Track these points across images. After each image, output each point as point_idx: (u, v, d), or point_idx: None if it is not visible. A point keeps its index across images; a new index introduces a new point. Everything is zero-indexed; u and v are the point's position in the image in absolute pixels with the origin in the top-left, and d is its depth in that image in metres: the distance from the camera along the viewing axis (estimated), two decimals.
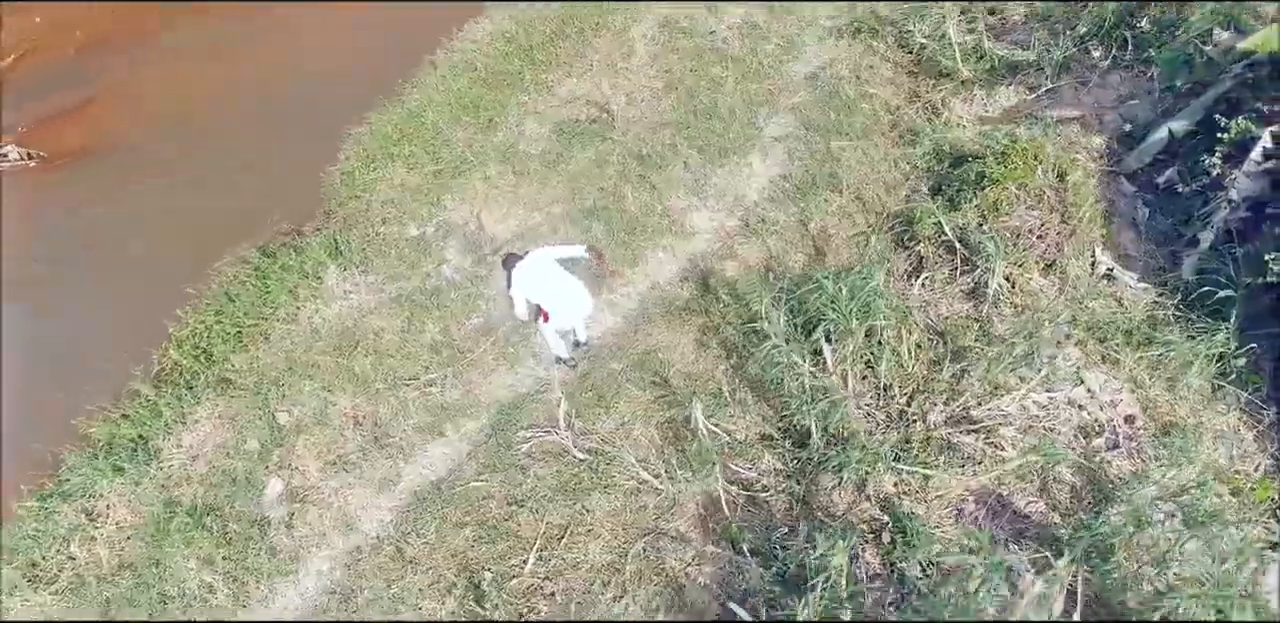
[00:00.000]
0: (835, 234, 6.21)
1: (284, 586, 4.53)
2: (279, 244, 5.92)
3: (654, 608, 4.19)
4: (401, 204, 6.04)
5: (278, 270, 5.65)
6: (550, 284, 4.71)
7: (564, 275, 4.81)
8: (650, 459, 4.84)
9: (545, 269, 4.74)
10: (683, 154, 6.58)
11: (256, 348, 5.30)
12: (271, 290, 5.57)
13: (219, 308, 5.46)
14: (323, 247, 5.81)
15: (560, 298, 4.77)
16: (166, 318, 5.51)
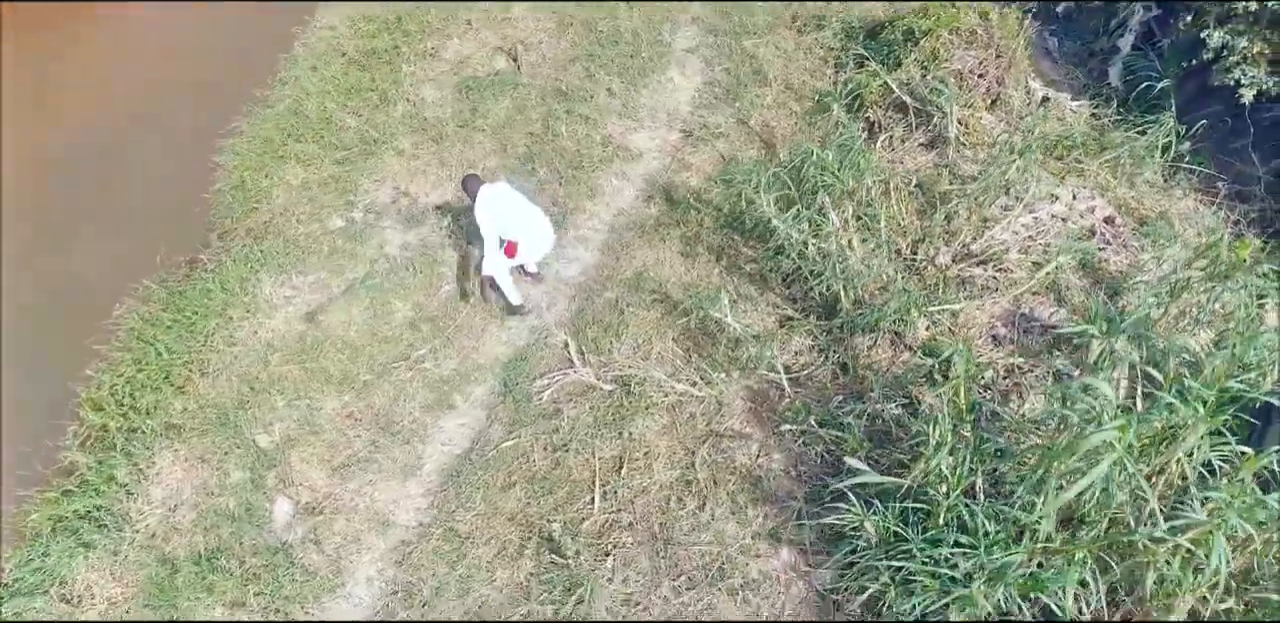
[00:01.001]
0: (778, 125, 6.37)
1: (335, 602, 4.18)
2: (184, 275, 5.57)
3: (741, 505, 4.08)
4: (314, 200, 5.86)
5: (196, 298, 5.30)
6: (519, 213, 4.61)
7: (530, 206, 4.71)
8: (680, 371, 4.74)
9: (511, 196, 4.63)
10: (603, 82, 6.60)
11: (196, 385, 4.85)
12: (194, 321, 5.20)
13: (137, 356, 4.97)
14: (240, 262, 5.54)
15: (529, 230, 4.68)
16: (76, 382, 4.91)
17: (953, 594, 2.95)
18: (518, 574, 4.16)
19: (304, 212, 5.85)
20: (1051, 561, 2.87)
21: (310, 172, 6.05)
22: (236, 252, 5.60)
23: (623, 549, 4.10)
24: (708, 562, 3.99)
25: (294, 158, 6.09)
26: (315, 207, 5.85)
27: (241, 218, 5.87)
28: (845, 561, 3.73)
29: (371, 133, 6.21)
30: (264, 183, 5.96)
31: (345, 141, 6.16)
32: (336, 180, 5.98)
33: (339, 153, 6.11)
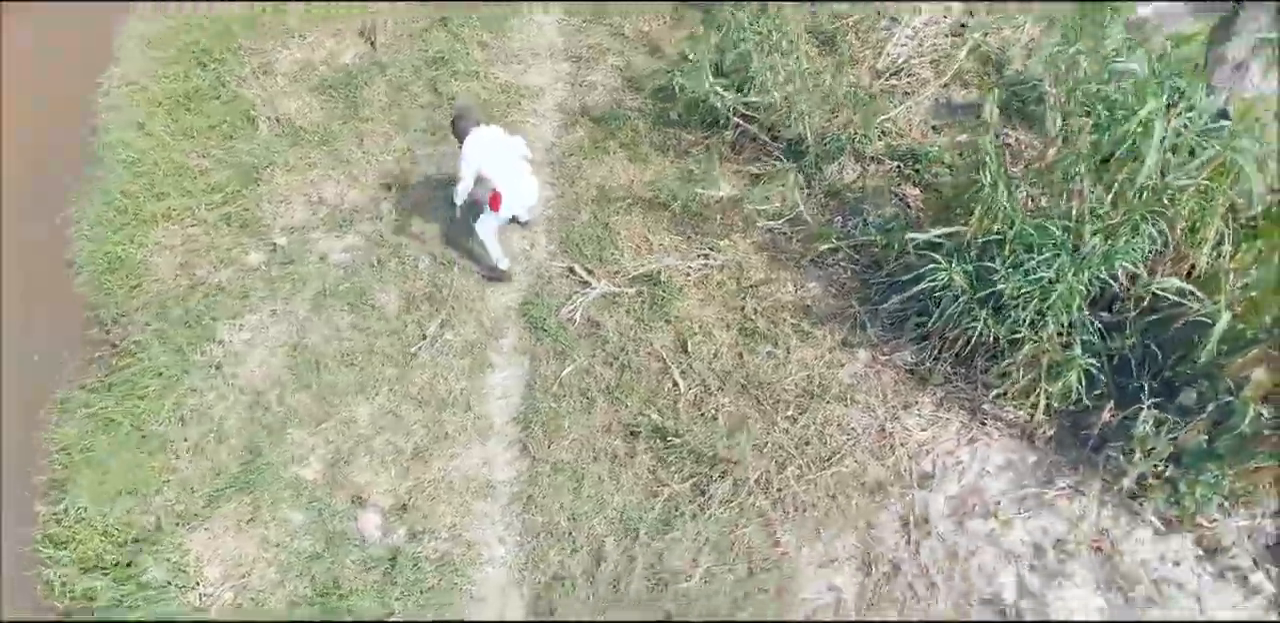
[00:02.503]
0: (651, 28, 6.87)
1: (484, 571, 4.32)
2: (106, 371, 5.28)
3: (806, 332, 4.57)
4: (214, 247, 5.72)
5: (139, 380, 5.09)
6: (509, 160, 4.87)
7: (520, 156, 4.99)
8: (688, 252, 5.18)
9: (503, 142, 4.85)
10: (470, 39, 6.94)
11: (184, 463, 4.76)
12: (144, 409, 5.00)
13: (90, 476, 4.74)
14: (172, 329, 5.37)
15: (518, 178, 4.93)
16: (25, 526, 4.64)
17: (1050, 297, 3.49)
18: (641, 471, 4.45)
19: (208, 262, 5.67)
20: (1117, 233, 3.49)
21: (189, 224, 5.85)
22: (154, 326, 5.41)
23: (725, 409, 4.46)
24: (803, 387, 4.46)
25: (162, 218, 5.88)
26: (219, 253, 5.68)
27: (131, 296, 5.62)
28: (917, 335, 4.27)
29: (246, 160, 6.17)
30: (138, 255, 5.67)
31: (216, 182, 6.06)
32: (229, 220, 5.85)
33: (215, 195, 5.99)
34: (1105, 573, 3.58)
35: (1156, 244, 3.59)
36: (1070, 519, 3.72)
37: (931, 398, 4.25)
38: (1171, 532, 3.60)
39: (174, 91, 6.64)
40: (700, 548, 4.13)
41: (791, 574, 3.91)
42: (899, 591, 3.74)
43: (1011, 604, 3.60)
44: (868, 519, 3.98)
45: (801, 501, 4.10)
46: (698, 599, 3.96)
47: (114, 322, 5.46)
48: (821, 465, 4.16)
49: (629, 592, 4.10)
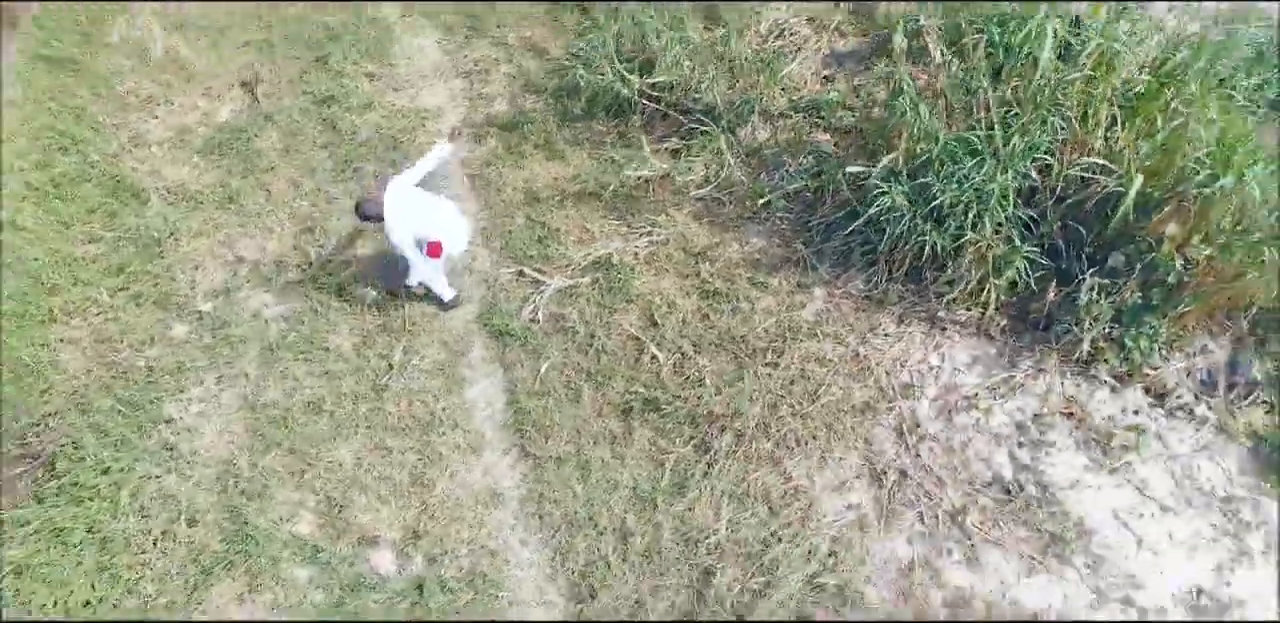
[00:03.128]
0: (533, 34, 7.17)
1: (515, 575, 4.42)
2: (34, 485, 5.04)
3: (761, 283, 4.91)
4: (129, 331, 5.56)
5: (75, 484, 4.92)
6: (431, 214, 4.98)
7: (436, 199, 5.12)
8: (629, 233, 5.45)
9: (417, 200, 4.97)
10: (353, 73, 7.04)
11: (152, 567, 4.64)
12: (94, 516, 4.82)
13: (63, 596, 4.54)
14: (98, 429, 5.17)
15: (447, 225, 5.07)
16: None
17: (985, 198, 3.91)
18: (642, 445, 4.68)
19: (128, 347, 5.50)
20: (1028, 131, 3.97)
21: (93, 314, 5.67)
22: (84, 422, 5.19)
23: (708, 369, 4.73)
24: (774, 333, 4.79)
25: (60, 314, 5.64)
26: (137, 335, 5.53)
27: (43, 403, 5.33)
28: (864, 263, 4.67)
29: (143, 236, 5.98)
30: (42, 356, 5.43)
31: (114, 264, 5.83)
32: (138, 300, 5.69)
33: (115, 278, 5.77)
34: (1081, 434, 4.02)
35: (1063, 133, 4.08)
36: (1039, 395, 4.16)
37: (891, 317, 4.64)
38: (1125, 386, 4.08)
39: (38, 181, 6.30)
40: (719, 502, 4.36)
41: (810, 503, 4.19)
42: (911, 493, 4.07)
43: (1012, 480, 3.98)
44: (865, 438, 4.31)
45: (800, 436, 4.39)
46: (730, 548, 4.17)
47: (31, 433, 5.18)
48: (810, 400, 4.47)
49: (664, 558, 4.28)
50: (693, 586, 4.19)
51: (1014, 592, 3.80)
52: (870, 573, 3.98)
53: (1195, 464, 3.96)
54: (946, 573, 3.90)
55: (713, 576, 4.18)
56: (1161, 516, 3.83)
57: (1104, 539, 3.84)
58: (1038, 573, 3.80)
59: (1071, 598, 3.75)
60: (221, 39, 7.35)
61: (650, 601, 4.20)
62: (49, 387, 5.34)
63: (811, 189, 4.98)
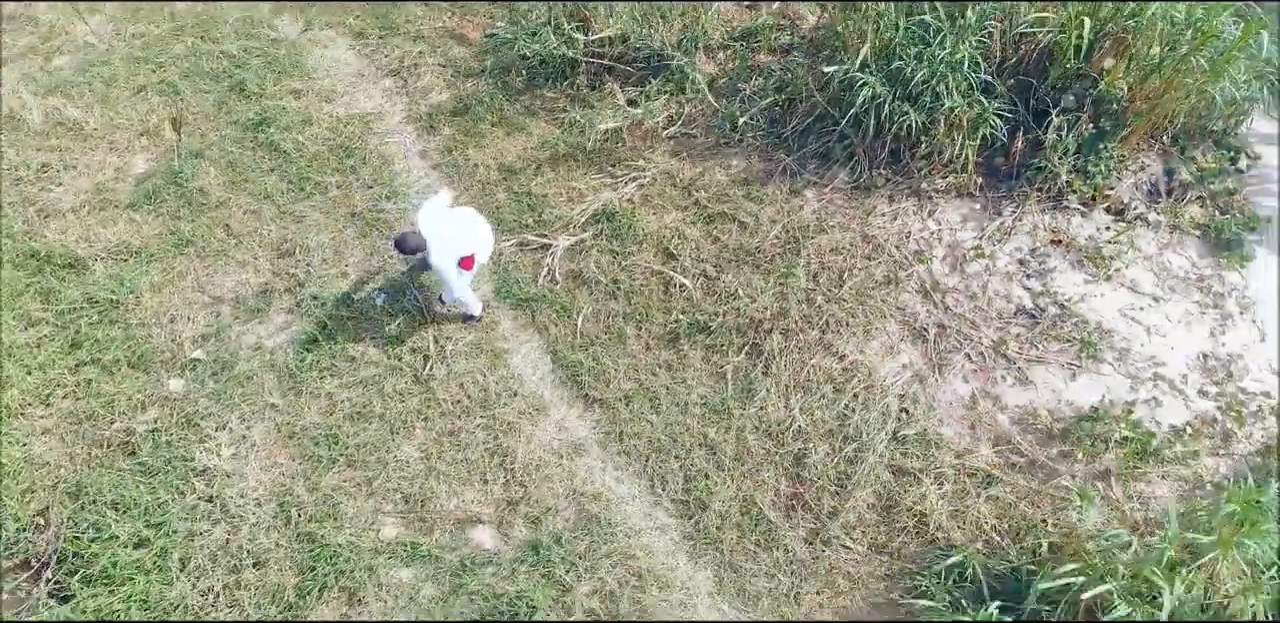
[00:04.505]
0: (445, 22, 7.53)
1: (628, 522, 4.79)
2: (51, 593, 4.96)
3: (756, 197, 5.51)
4: (114, 404, 5.50)
5: (109, 565, 4.90)
6: (464, 230, 5.21)
7: (463, 212, 5.37)
8: (612, 180, 5.94)
9: (449, 220, 5.18)
10: (279, 93, 7.17)
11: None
12: (144, 592, 4.82)
13: None
14: (118, 506, 5.11)
15: (479, 236, 5.32)
16: None
17: (954, 66, 4.55)
18: (698, 365, 5.26)
19: (118, 417, 5.43)
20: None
21: (61, 397, 5.55)
22: (97, 500, 5.11)
23: (736, 283, 5.30)
24: (784, 238, 5.44)
25: (20, 407, 5.52)
26: (126, 403, 5.47)
27: (27, 504, 5.21)
28: (844, 158, 5.31)
29: (96, 302, 5.94)
30: (15, 454, 5.31)
31: (68, 340, 5.74)
32: (112, 368, 5.60)
33: (75, 355, 5.67)
34: (1073, 256, 4.86)
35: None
36: (1029, 233, 4.97)
37: (882, 200, 5.35)
38: (1092, 209, 4.94)
39: None
40: (787, 395, 4.95)
41: (869, 372, 4.84)
42: (952, 340, 4.78)
43: (1032, 306, 4.75)
44: (896, 306, 5.00)
45: (840, 318, 5.04)
46: (812, 430, 4.75)
47: (23, 539, 5.09)
48: (838, 285, 5.13)
49: (755, 456, 4.81)
50: (790, 471, 4.75)
51: (1066, 396, 4.59)
52: (941, 416, 4.67)
53: (1165, 259, 4.85)
54: (1005, 397, 4.65)
55: (805, 457, 4.77)
56: (1156, 305, 4.71)
57: (1121, 334, 4.68)
58: (1080, 375, 4.58)
59: (1114, 388, 4.57)
60: (110, 91, 7.29)
61: (757, 494, 4.73)
62: (29, 486, 5.23)
63: (780, 103, 5.58)
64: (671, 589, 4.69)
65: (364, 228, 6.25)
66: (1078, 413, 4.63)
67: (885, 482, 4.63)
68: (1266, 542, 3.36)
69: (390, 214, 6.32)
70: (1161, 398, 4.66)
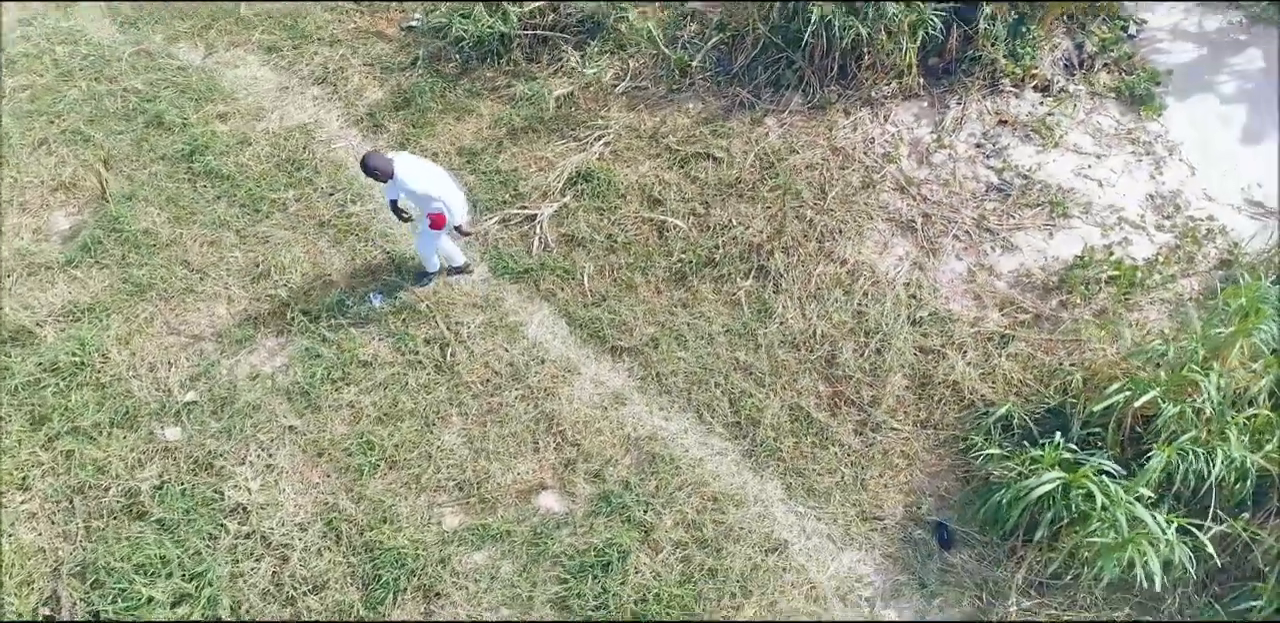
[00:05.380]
0: (359, 23, 7.63)
1: (690, 454, 5.13)
2: None
3: (722, 132, 5.86)
4: (106, 471, 5.37)
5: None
6: (438, 179, 5.38)
7: (439, 169, 5.52)
8: (579, 146, 6.22)
9: (425, 164, 5.38)
10: (201, 120, 7.23)
11: None
12: None
13: None
14: (143, 568, 4.95)
15: (450, 194, 5.47)
16: None
17: None
18: (710, 297, 5.73)
19: (111, 480, 5.29)
20: None
21: (37, 479, 5.33)
22: (117, 565, 4.96)
23: (727, 215, 5.68)
24: (761, 165, 5.98)
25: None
26: (119, 466, 5.34)
27: (28, 595, 5.03)
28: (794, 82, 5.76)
29: (58, 368, 5.76)
30: (4, 544, 5.13)
31: (32, 415, 5.56)
32: (93, 434, 5.45)
33: (40, 431, 5.45)
34: (1020, 133, 5.48)
35: None
36: (977, 119, 5.54)
37: (839, 113, 5.92)
38: (1023, 90, 5.61)
39: None
40: (801, 305, 5.43)
41: (872, 270, 5.36)
42: (939, 225, 5.33)
43: (1002, 180, 5.32)
44: (879, 206, 5.52)
45: (832, 226, 5.57)
46: (834, 332, 5.21)
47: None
48: (822, 197, 5.62)
49: (789, 368, 5.24)
50: (825, 372, 5.18)
51: (1050, 253, 5.28)
52: (946, 294, 5.23)
53: (1095, 121, 5.62)
54: (998, 265, 5.29)
55: (835, 357, 5.26)
56: (1100, 161, 5.52)
57: (1080, 191, 5.40)
58: (1056, 233, 5.22)
59: (1088, 237, 5.25)
60: (3, 151, 7.02)
61: (801, 401, 5.14)
62: (25, 577, 5.07)
63: (725, 41, 5.98)
64: (747, 505, 5.07)
65: (337, 235, 6.38)
66: (1065, 265, 5.30)
67: (913, 363, 5.17)
68: (1273, 325, 4.10)
69: (360, 216, 6.45)
70: (1130, 237, 5.39)
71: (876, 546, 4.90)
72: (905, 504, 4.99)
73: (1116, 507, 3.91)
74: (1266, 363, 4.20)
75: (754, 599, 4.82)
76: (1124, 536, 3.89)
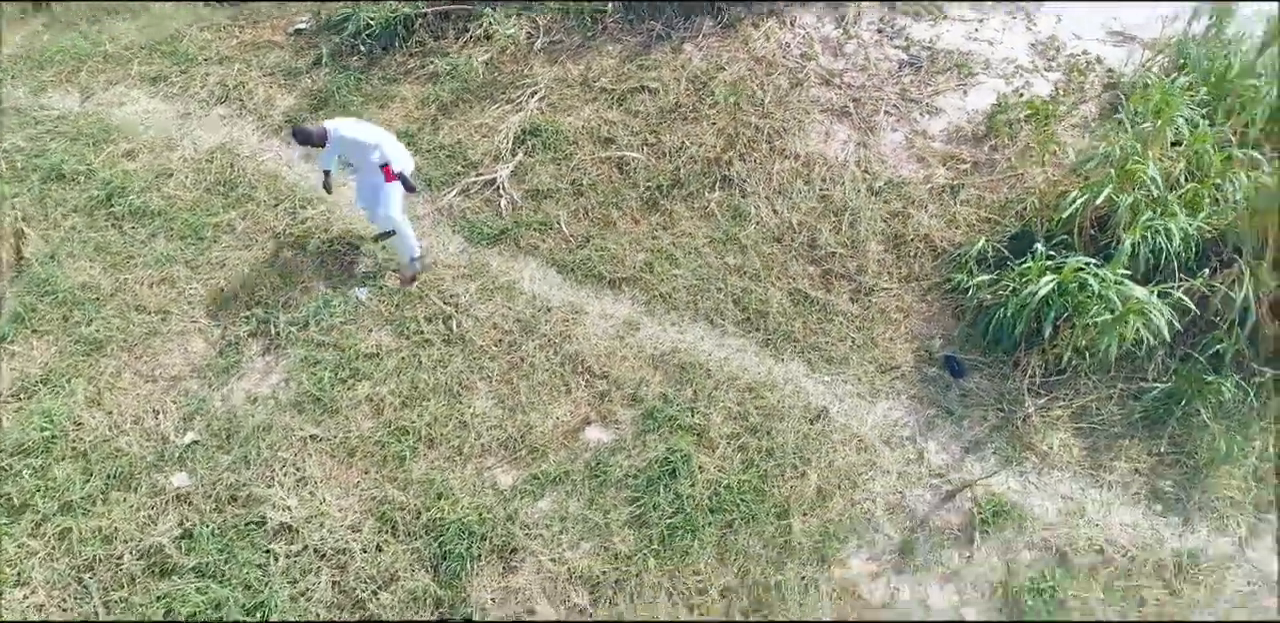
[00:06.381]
0: (245, 37, 7.74)
1: (718, 354, 5.58)
2: None
3: (649, 65, 6.38)
4: (117, 533, 5.23)
5: None
6: (381, 137, 5.70)
7: (375, 126, 5.87)
8: (520, 105, 6.56)
9: (356, 124, 5.69)
10: (110, 160, 7.44)
11: None
12: None
13: None
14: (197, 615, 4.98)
15: (393, 147, 5.80)
16: None
17: None
18: (686, 214, 6.41)
19: (122, 546, 5.19)
20: None
21: (37, 565, 5.19)
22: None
23: (677, 137, 6.23)
24: (695, 85, 6.60)
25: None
26: (128, 530, 5.24)
27: None
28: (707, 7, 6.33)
29: (26, 442, 5.61)
30: None
31: (11, 503, 5.37)
32: (89, 503, 5.32)
33: (33, 512, 5.26)
34: (909, 12, 6.18)
35: None
36: (870, 7, 6.25)
37: (749, 26, 6.79)
38: None
39: None
40: (770, 202, 6.11)
41: (823, 156, 6.11)
42: (868, 105, 6.11)
43: (911, 56, 6.11)
44: (811, 100, 6.41)
45: (776, 128, 6.36)
46: (810, 220, 5.91)
47: None
48: (760, 104, 6.30)
49: (779, 260, 5.89)
50: (811, 255, 5.83)
51: (969, 107, 6.28)
52: (893, 163, 6.09)
53: None
54: (930, 128, 6.22)
55: (816, 240, 6.03)
56: (984, 24, 6.43)
57: (977, 52, 6.35)
58: (969, 90, 6.13)
59: (996, 88, 6.23)
60: None
61: (797, 284, 5.76)
62: None
63: None
64: (778, 387, 5.67)
65: (297, 240, 6.54)
66: (986, 115, 6.23)
67: (884, 229, 6.01)
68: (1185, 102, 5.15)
69: (315, 219, 6.64)
70: (1029, 81, 6.38)
71: (901, 391, 5.65)
72: (913, 350, 5.75)
73: (1108, 288, 4.78)
74: (1188, 142, 5.19)
75: (813, 465, 5.44)
76: (1119, 310, 4.76)
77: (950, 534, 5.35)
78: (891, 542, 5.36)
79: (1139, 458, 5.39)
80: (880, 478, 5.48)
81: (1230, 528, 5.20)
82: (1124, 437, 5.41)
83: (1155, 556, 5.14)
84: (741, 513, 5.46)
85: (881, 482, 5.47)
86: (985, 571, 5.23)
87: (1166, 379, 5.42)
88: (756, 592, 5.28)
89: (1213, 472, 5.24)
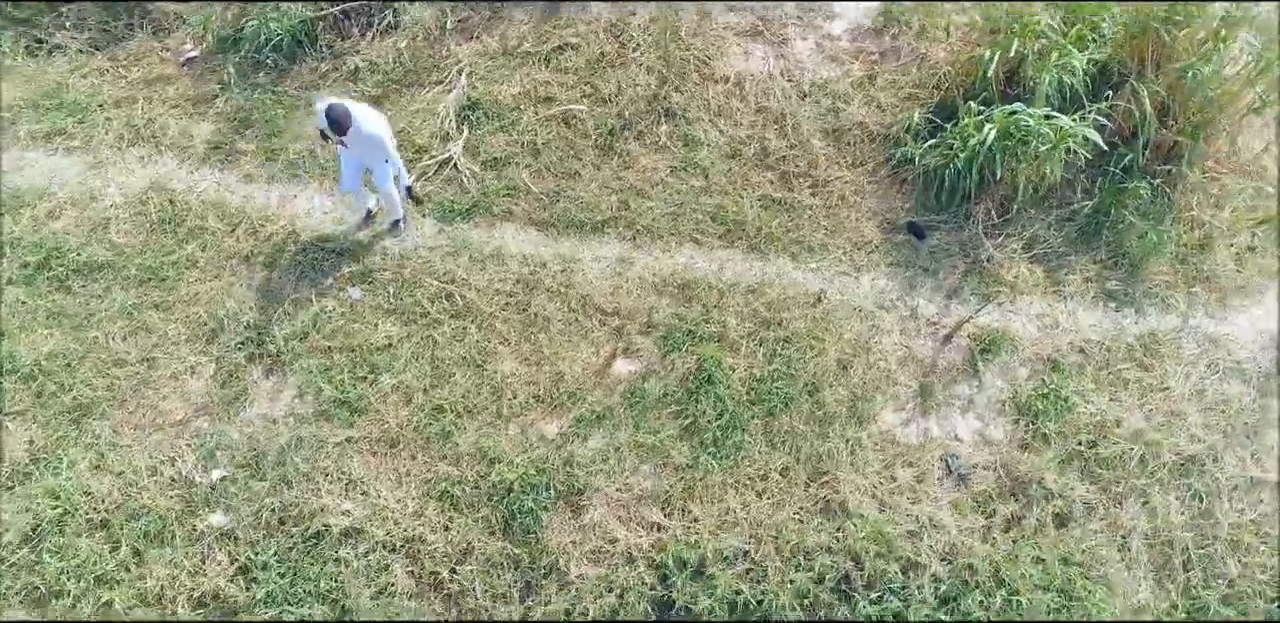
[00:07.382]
0: (134, 71, 7.68)
1: (726, 274, 6.18)
2: None
3: (595, 30, 6.82)
4: (154, 594, 5.40)
5: None
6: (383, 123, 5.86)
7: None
8: (452, 83, 6.85)
9: (368, 111, 5.87)
10: (31, 225, 7.27)
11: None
12: None
13: None
14: None
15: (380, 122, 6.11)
16: None
17: None
18: (643, 149, 6.95)
19: (175, 601, 5.36)
20: None
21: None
22: None
23: (612, 82, 6.82)
24: (610, 33, 6.88)
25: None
26: (182, 584, 5.37)
27: None
28: None
29: (39, 522, 5.58)
30: None
31: (37, 586, 5.41)
32: (123, 570, 5.40)
33: (72, 587, 5.31)
34: None
35: None
36: None
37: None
38: None
39: None
40: (715, 124, 6.92)
41: (748, 75, 6.81)
42: (775, 24, 6.88)
43: None
44: (724, 26, 7.24)
45: (696, 55, 7.20)
46: (752, 132, 6.60)
47: None
48: (676, 38, 6.97)
49: (736, 173, 6.68)
50: (765, 162, 6.64)
51: (864, 6, 6.99)
52: (811, 67, 7.04)
53: None
54: (834, 30, 7.19)
55: (766, 147, 6.76)
56: None
57: None
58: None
59: None
60: None
61: (761, 190, 6.52)
62: None
63: None
64: (774, 282, 6.57)
65: (268, 258, 6.70)
66: (880, 10, 7.18)
67: (821, 126, 6.98)
68: None
69: (278, 233, 6.76)
70: None
71: (879, 262, 6.68)
72: (878, 224, 6.75)
73: (1040, 123, 5.88)
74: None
75: (827, 341, 6.30)
76: (1055, 139, 5.88)
77: (957, 371, 6.33)
78: (910, 390, 6.29)
79: (1086, 268, 6.60)
80: (885, 338, 6.44)
81: (1171, 305, 6.41)
82: (1070, 254, 6.63)
83: (1123, 343, 6.30)
84: (779, 398, 6.23)
85: (888, 341, 6.43)
86: (995, 393, 6.18)
87: (1092, 198, 6.64)
88: (811, 464, 6.05)
89: (1145, 264, 6.52)
